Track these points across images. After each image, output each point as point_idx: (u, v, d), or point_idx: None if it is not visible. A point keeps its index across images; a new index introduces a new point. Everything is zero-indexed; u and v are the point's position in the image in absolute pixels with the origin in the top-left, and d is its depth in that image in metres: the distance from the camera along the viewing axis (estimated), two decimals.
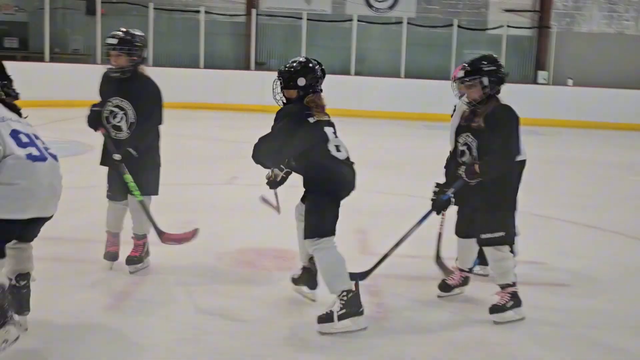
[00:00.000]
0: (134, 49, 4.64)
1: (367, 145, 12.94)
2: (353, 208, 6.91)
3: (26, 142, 3.37)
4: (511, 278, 4.12)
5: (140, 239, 4.76)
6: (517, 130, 4.09)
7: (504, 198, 4.11)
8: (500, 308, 4.06)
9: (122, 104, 4.64)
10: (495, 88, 4.14)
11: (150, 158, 4.71)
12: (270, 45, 20.69)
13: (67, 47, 20.35)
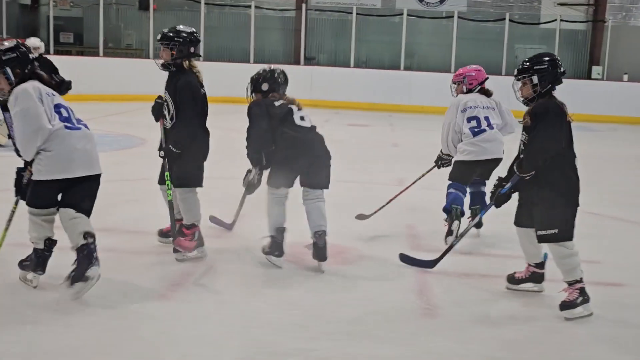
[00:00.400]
0: (173, 44, 4.79)
1: (416, 140, 12.88)
2: (403, 204, 6.94)
3: (65, 116, 4.07)
4: (578, 274, 4.09)
5: (189, 228, 4.83)
6: (553, 126, 4.09)
7: (559, 194, 4.08)
8: (571, 304, 4.03)
9: (166, 96, 4.85)
10: (546, 86, 4.18)
11: (187, 151, 4.80)
12: (320, 40, 20.72)
13: (121, 42, 20.71)
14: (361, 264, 4.89)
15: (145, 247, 5.07)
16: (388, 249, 5.25)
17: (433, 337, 3.66)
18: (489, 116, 5.91)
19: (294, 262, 4.84)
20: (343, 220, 6.15)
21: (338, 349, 3.44)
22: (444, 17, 20.54)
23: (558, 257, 4.10)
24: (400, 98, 18.51)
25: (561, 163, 4.11)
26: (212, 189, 5.42)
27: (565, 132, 4.13)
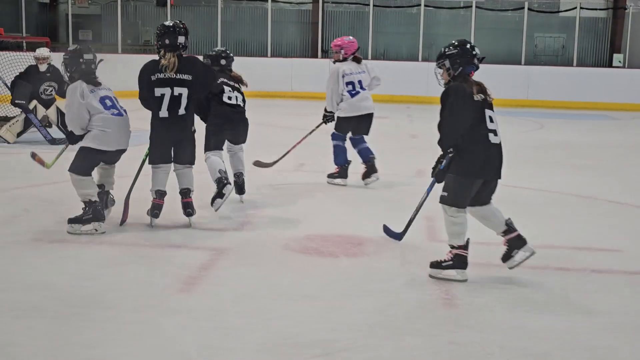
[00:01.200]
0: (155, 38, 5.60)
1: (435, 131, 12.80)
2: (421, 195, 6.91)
3: (110, 105, 5.41)
4: (457, 241, 4.39)
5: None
6: (455, 107, 4.46)
7: (458, 164, 4.44)
8: (438, 265, 4.41)
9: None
10: (458, 69, 4.54)
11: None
12: (337, 32, 20.66)
13: (139, 39, 20.82)
14: (380, 256, 4.88)
15: (164, 242, 5.09)
16: (407, 240, 5.24)
17: (454, 328, 3.64)
18: (362, 79, 7.48)
19: (313, 253, 4.85)
20: (362, 212, 6.15)
21: (359, 340, 3.44)
22: (462, 7, 20.44)
23: (445, 218, 4.46)
24: (419, 89, 18.43)
25: (468, 141, 4.41)
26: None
27: (469, 112, 4.41)
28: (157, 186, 5.41)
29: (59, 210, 5.81)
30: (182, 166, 5.49)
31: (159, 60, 5.39)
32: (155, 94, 5.33)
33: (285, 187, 7.19)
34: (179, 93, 5.31)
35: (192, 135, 5.51)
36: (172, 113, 5.31)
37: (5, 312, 3.65)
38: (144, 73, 5.42)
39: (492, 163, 4.47)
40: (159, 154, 5.39)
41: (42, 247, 4.86)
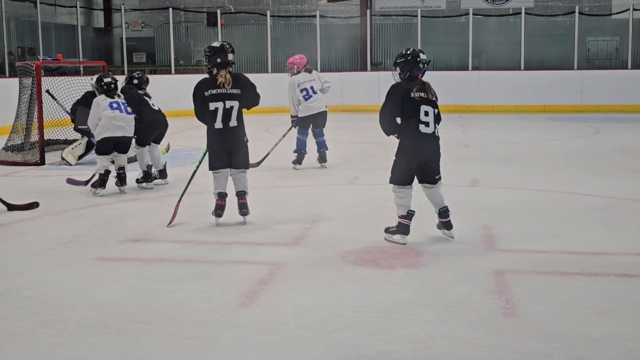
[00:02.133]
0: (205, 57, 6.13)
1: (488, 139, 12.71)
2: (477, 204, 6.86)
3: (115, 107, 7.55)
4: (400, 212, 5.44)
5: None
6: (388, 103, 5.47)
7: (398, 151, 5.50)
8: (387, 230, 5.53)
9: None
10: (406, 74, 5.50)
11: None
12: (386, 44, 20.71)
13: (191, 59, 21.17)
14: (437, 266, 4.86)
15: (224, 258, 5.17)
16: (464, 249, 5.21)
17: (516, 337, 3.61)
18: (313, 86, 9.18)
19: (371, 265, 4.85)
20: (419, 222, 6.12)
21: (420, 352, 3.43)
22: (510, 14, 20.25)
23: (393, 194, 5.50)
24: (470, 98, 18.32)
25: (403, 129, 5.43)
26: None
27: (399, 107, 5.39)
28: (218, 189, 6.03)
29: (120, 230, 5.95)
30: (237, 171, 6.08)
31: (211, 78, 5.94)
32: (209, 108, 5.89)
33: (340, 200, 7.21)
34: (231, 106, 5.89)
35: (245, 144, 6.06)
36: (225, 124, 5.89)
37: (73, 329, 3.75)
38: (198, 90, 5.96)
39: (423, 149, 5.41)
40: (217, 161, 5.99)
41: (105, 265, 4.97)
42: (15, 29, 17.53)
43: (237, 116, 5.92)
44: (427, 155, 5.42)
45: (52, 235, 5.82)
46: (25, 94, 10.43)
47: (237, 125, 5.92)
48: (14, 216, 6.49)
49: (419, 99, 5.36)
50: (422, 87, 5.43)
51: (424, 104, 5.37)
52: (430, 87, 5.50)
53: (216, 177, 6.03)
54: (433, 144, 5.43)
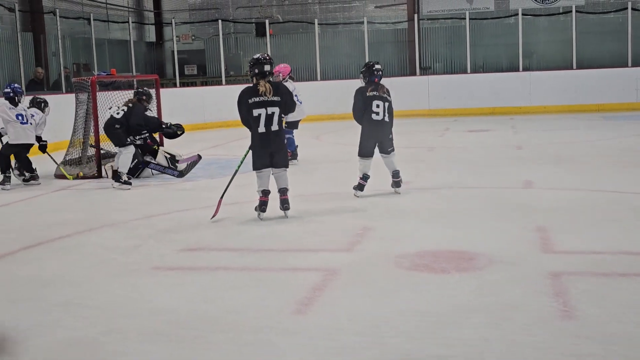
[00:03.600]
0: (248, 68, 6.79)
1: (541, 140, 12.54)
2: (531, 206, 6.79)
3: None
4: (360, 174, 7.59)
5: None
6: (355, 99, 7.63)
7: (361, 132, 7.61)
8: (354, 187, 7.63)
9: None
10: (366, 79, 7.61)
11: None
12: (434, 48, 20.58)
13: (241, 69, 21.40)
14: (491, 269, 4.81)
15: (277, 265, 5.22)
16: (518, 252, 5.16)
17: (573, 340, 3.56)
18: (297, 94, 9.59)
19: (424, 270, 4.84)
20: (471, 226, 6.09)
21: (475, 355, 3.41)
22: (561, 12, 19.93)
23: (358, 162, 7.62)
24: (521, 100, 18.10)
25: (365, 117, 7.53)
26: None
27: (362, 102, 7.53)
28: (262, 187, 6.59)
29: (175, 239, 6.05)
30: (279, 170, 6.67)
31: (253, 87, 6.56)
32: (253, 115, 6.50)
33: (392, 205, 7.20)
34: (272, 112, 6.51)
35: (285, 145, 6.78)
36: (268, 129, 6.50)
37: (132, 337, 3.84)
38: (242, 98, 6.59)
39: (377, 131, 7.57)
40: (260, 162, 6.60)
41: (162, 274, 5.07)
42: (71, 45, 17.98)
43: (278, 121, 6.54)
44: (379, 135, 7.58)
45: (109, 246, 5.95)
46: (82, 108, 10.69)
47: (278, 129, 6.55)
48: (72, 228, 6.66)
49: (371, 96, 7.52)
50: (375, 87, 7.56)
51: (375, 99, 7.51)
52: (383, 87, 7.62)
53: (259, 176, 6.61)
54: (385, 127, 7.60)
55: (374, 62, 7.76)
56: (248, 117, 6.54)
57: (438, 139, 13.20)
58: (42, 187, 9.31)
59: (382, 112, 7.51)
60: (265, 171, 6.62)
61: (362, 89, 7.59)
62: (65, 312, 4.29)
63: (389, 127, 7.65)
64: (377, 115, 7.48)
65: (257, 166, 6.61)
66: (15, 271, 5.31)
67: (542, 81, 18.13)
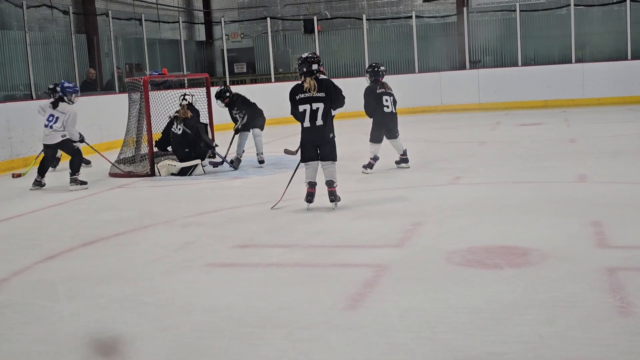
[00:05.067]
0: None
1: (595, 133, 12.31)
2: (586, 200, 6.67)
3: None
4: (371, 156, 9.05)
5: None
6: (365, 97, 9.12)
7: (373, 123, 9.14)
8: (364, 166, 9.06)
9: None
10: (372, 79, 9.09)
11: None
12: (484, 41, 20.35)
13: (290, 67, 21.49)
14: (545, 265, 4.75)
15: (328, 261, 5.23)
16: (572, 247, 5.08)
17: (632, 337, 3.49)
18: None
19: (476, 265, 4.80)
20: (524, 221, 6.01)
21: (531, 352, 3.37)
22: (614, 2, 19.48)
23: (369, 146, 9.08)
24: (574, 92, 17.77)
25: (377, 110, 9.00)
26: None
27: (373, 99, 9.00)
28: (309, 178, 6.96)
29: (227, 236, 6.12)
30: (326, 163, 6.94)
31: (300, 84, 6.95)
32: (299, 110, 6.89)
33: (442, 200, 7.16)
34: (317, 107, 6.85)
35: (332, 139, 6.95)
36: (312, 123, 6.86)
37: (187, 333, 3.90)
38: (292, 94, 7.00)
39: (387, 121, 9.05)
40: (307, 154, 6.96)
41: (215, 271, 5.14)
42: (123, 46, 18.30)
43: (323, 115, 6.84)
44: (389, 123, 9.06)
45: (164, 243, 6.05)
46: (135, 108, 10.88)
47: (323, 124, 6.85)
48: (127, 226, 6.79)
49: (381, 93, 9.01)
50: (381, 85, 9.05)
51: (384, 95, 9.02)
52: (386, 84, 9.11)
53: (307, 168, 6.97)
54: (393, 118, 9.08)
55: (378, 63, 9.24)
56: (296, 112, 6.95)
57: (489, 133, 13.05)
58: (97, 186, 9.50)
59: (390, 105, 8.97)
60: (312, 164, 6.96)
61: (371, 87, 9.02)
62: (122, 308, 4.38)
63: (395, 117, 9.10)
64: (387, 108, 8.95)
65: (304, 158, 7.00)
66: (74, 268, 5.44)
67: (596, 73, 17.77)
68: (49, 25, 16.37)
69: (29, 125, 12.01)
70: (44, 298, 4.70)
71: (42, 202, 8.37)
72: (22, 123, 12.01)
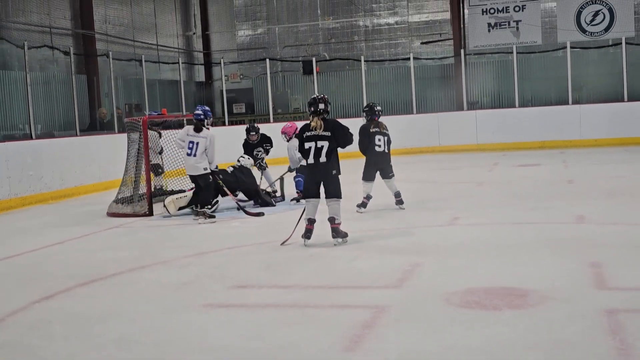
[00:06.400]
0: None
1: (593, 174, 12.35)
2: (585, 241, 6.67)
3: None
4: (364, 195, 9.20)
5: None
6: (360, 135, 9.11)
7: (365, 162, 9.24)
8: (357, 205, 9.17)
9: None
10: (368, 118, 9.28)
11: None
12: (482, 83, 20.51)
13: (289, 107, 21.63)
14: (545, 306, 4.73)
15: (327, 302, 5.20)
16: (572, 288, 5.07)
17: None
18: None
19: (475, 307, 4.78)
20: (523, 262, 6.00)
21: None
22: (610, 45, 19.71)
23: (362, 185, 9.20)
24: (571, 133, 17.87)
25: (369, 149, 9.10)
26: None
27: (366, 137, 9.13)
28: (308, 215, 7.14)
29: (225, 276, 6.10)
30: (330, 200, 7.13)
31: (308, 123, 7.27)
32: (305, 147, 7.21)
33: (441, 241, 7.15)
34: (321, 145, 7.14)
35: (335, 176, 7.18)
36: (316, 160, 7.14)
37: None
38: (300, 132, 7.33)
39: (379, 160, 9.13)
40: (309, 191, 7.22)
41: (213, 312, 5.11)
42: (123, 86, 18.44)
43: (327, 153, 7.12)
44: (380, 163, 9.14)
45: (162, 282, 6.03)
46: (133, 147, 10.92)
47: (326, 161, 7.13)
48: (126, 265, 6.77)
49: (374, 132, 9.15)
50: (376, 124, 9.20)
51: (377, 134, 9.13)
52: (382, 124, 9.24)
53: (307, 205, 7.18)
54: (385, 158, 9.16)
55: (374, 103, 9.49)
56: (302, 149, 7.28)
57: (487, 174, 13.09)
58: (95, 225, 9.49)
59: (383, 145, 9.11)
60: (313, 201, 7.16)
61: (365, 126, 9.21)
62: (118, 349, 4.35)
63: (388, 157, 9.20)
64: (380, 148, 9.08)
65: (306, 195, 7.29)
66: (71, 307, 5.41)
67: (593, 114, 17.90)
68: (49, 65, 16.50)
69: (27, 164, 12.04)
70: (41, 338, 4.67)
71: (40, 241, 8.35)
72: (21, 163, 12.04)
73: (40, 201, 12.21)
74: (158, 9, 21.61)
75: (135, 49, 19.95)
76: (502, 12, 20.40)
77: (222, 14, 23.86)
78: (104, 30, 18.67)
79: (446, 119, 18.94)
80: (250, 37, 23.69)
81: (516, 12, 20.32)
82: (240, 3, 23.68)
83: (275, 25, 23.28)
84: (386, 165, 9.13)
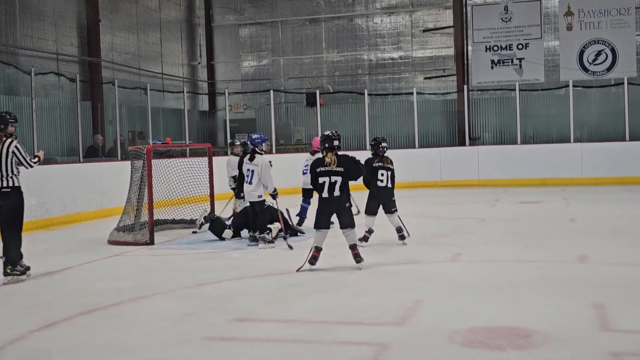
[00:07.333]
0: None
1: (594, 213, 12.34)
2: (588, 281, 6.64)
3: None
4: (366, 229, 9.19)
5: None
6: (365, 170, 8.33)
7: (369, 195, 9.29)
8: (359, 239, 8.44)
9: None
10: (373, 152, 9.37)
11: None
12: (484, 119, 20.61)
13: (291, 138, 21.68)
14: (548, 347, 4.70)
15: (330, 338, 5.17)
16: (575, 330, 5.04)
17: None
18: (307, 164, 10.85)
19: (479, 347, 4.75)
20: (526, 302, 5.98)
21: None
22: (612, 84, 19.84)
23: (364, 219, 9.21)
24: (573, 171, 17.90)
25: (372, 183, 9.18)
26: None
27: (370, 171, 9.07)
28: (316, 243, 7.62)
29: (226, 308, 6.07)
30: (345, 230, 7.61)
31: (322, 158, 7.71)
32: (319, 181, 7.62)
33: (443, 277, 7.13)
34: (335, 180, 7.59)
35: (348, 208, 7.65)
36: (330, 194, 7.59)
37: None
38: (313, 167, 7.77)
39: (381, 195, 9.18)
40: (320, 222, 7.61)
41: (213, 345, 5.07)
42: (127, 114, 18.51)
43: (340, 188, 7.58)
44: (383, 198, 9.19)
45: (162, 314, 6.00)
46: (136, 175, 10.93)
47: (340, 194, 7.58)
48: (126, 295, 6.74)
49: (377, 166, 9.22)
50: (380, 159, 9.27)
51: (380, 169, 9.21)
52: (387, 158, 9.31)
53: (317, 234, 7.62)
54: (387, 192, 9.19)
55: (382, 138, 9.44)
56: (316, 184, 7.67)
57: (489, 210, 13.08)
58: (95, 253, 9.47)
59: (385, 180, 9.18)
60: (323, 231, 7.61)
61: (369, 160, 9.25)
62: None
63: (390, 192, 9.24)
64: (382, 182, 9.18)
65: (317, 225, 7.62)
66: (71, 337, 5.38)
67: (594, 153, 17.95)
68: (55, 91, 16.58)
69: (30, 190, 12.03)
70: None
71: (40, 269, 8.32)
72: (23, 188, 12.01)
73: (41, 227, 12.19)
74: (164, 38, 21.77)
75: (141, 77, 20.06)
76: (505, 50, 20.56)
77: (227, 44, 24.03)
78: (110, 57, 18.79)
79: (448, 154, 18.99)
80: (254, 68, 23.84)
81: (519, 49, 20.49)
82: (246, 34, 23.87)
83: (279, 57, 23.44)
84: (388, 200, 9.19)
